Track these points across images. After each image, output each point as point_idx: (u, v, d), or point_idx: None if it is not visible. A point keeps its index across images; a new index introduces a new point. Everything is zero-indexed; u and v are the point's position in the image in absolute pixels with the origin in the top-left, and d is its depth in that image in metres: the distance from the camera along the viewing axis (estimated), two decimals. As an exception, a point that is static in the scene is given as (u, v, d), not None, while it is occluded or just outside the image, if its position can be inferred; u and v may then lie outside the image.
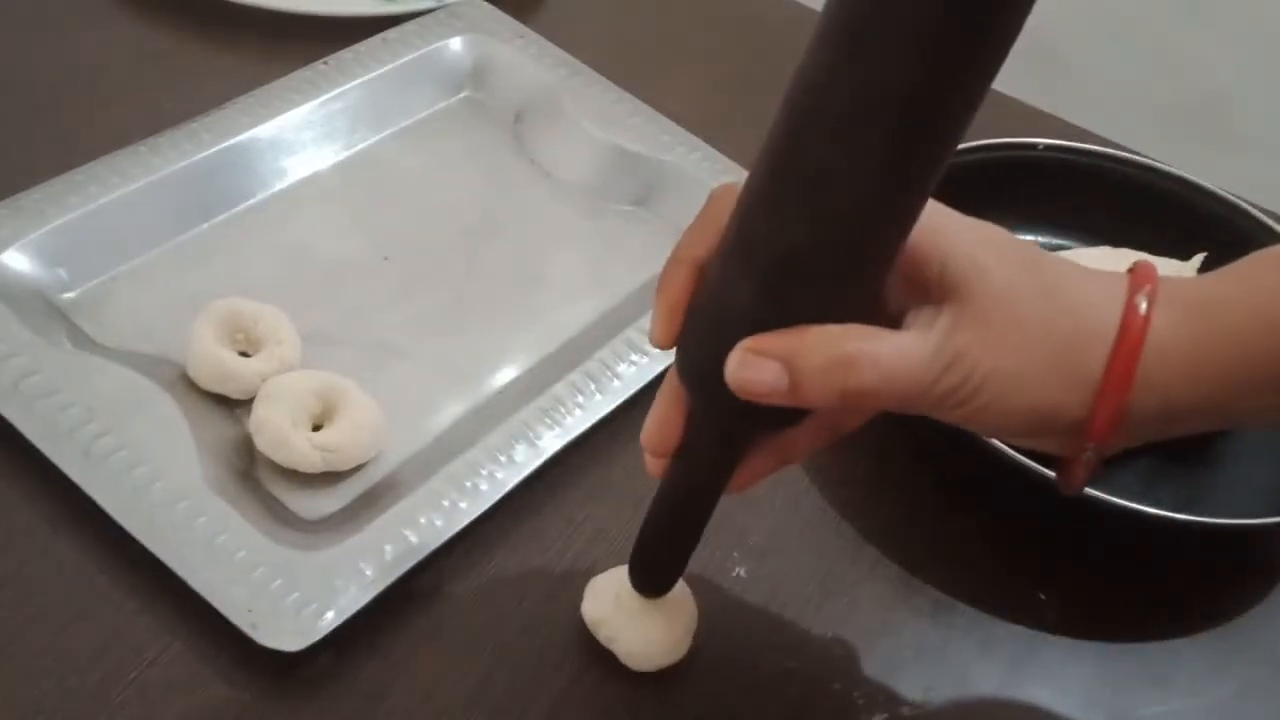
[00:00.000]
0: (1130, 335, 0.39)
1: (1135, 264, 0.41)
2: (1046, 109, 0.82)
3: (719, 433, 0.42)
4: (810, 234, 0.35)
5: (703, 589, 0.51)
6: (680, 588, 0.50)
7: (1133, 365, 0.39)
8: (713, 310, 0.38)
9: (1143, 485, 0.59)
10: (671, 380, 0.42)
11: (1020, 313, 0.39)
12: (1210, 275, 0.43)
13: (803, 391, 0.37)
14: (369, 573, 0.48)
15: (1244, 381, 0.41)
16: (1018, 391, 0.39)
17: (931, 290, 0.39)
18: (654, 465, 0.43)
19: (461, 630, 0.50)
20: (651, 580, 0.48)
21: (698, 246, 0.39)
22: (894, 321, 0.39)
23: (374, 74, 0.70)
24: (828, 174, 0.34)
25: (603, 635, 0.49)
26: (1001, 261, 0.39)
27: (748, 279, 0.37)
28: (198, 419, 0.53)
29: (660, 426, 0.42)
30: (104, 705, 0.45)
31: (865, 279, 0.37)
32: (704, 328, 0.39)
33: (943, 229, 0.39)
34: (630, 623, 0.49)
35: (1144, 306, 0.39)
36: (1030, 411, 0.40)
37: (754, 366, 0.37)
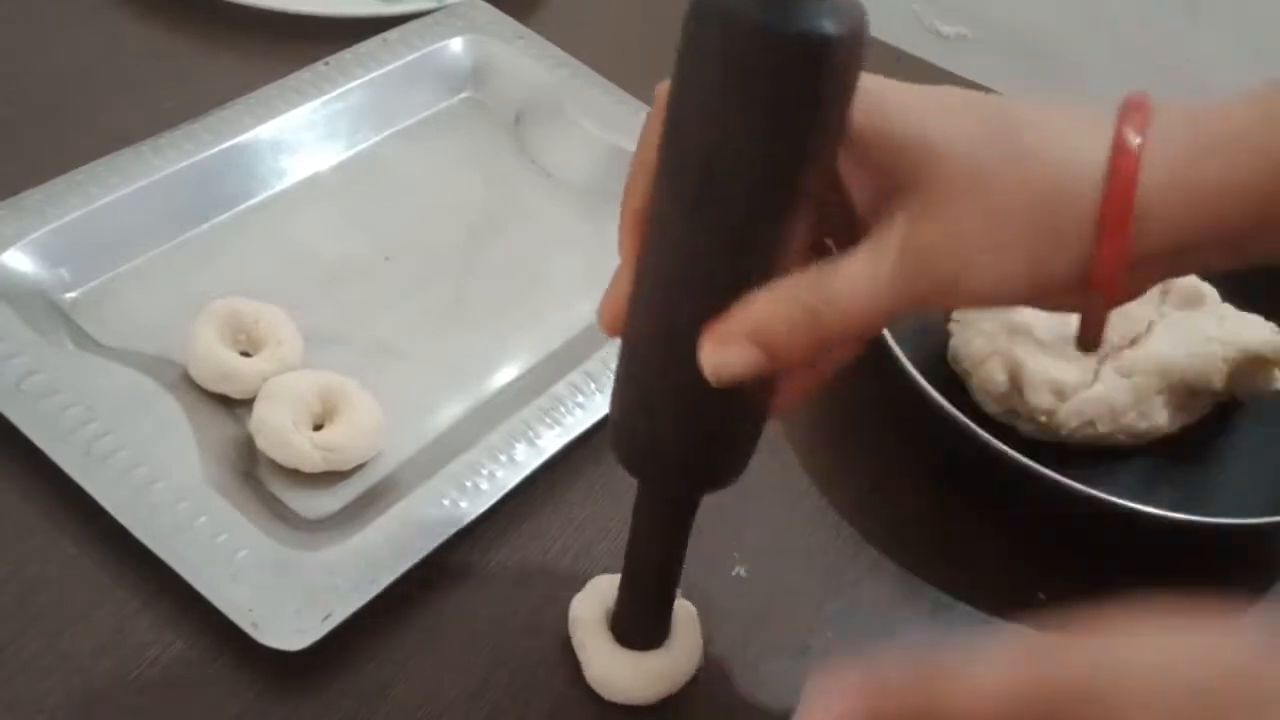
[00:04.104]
0: (1121, 177, 0.35)
1: (1127, 97, 0.37)
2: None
3: (661, 503, 0.43)
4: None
5: (703, 589, 0.51)
6: (686, 628, 0.49)
7: (1126, 209, 0.35)
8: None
9: (1143, 485, 0.59)
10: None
11: (989, 187, 0.35)
12: (1218, 101, 0.38)
13: (782, 358, 0.36)
14: (369, 573, 0.48)
15: (1261, 206, 0.36)
16: (1000, 272, 0.36)
17: (885, 183, 0.37)
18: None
19: (461, 630, 0.50)
20: (633, 641, 0.48)
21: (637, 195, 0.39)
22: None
23: (374, 74, 0.70)
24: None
25: (575, 638, 0.49)
26: (960, 134, 0.36)
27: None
28: (199, 419, 0.53)
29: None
30: (104, 705, 0.45)
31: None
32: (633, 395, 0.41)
33: (886, 110, 0.36)
34: (603, 642, 0.48)
35: (1135, 140, 0.35)
36: (1020, 283, 0.37)
37: (724, 352, 0.36)
